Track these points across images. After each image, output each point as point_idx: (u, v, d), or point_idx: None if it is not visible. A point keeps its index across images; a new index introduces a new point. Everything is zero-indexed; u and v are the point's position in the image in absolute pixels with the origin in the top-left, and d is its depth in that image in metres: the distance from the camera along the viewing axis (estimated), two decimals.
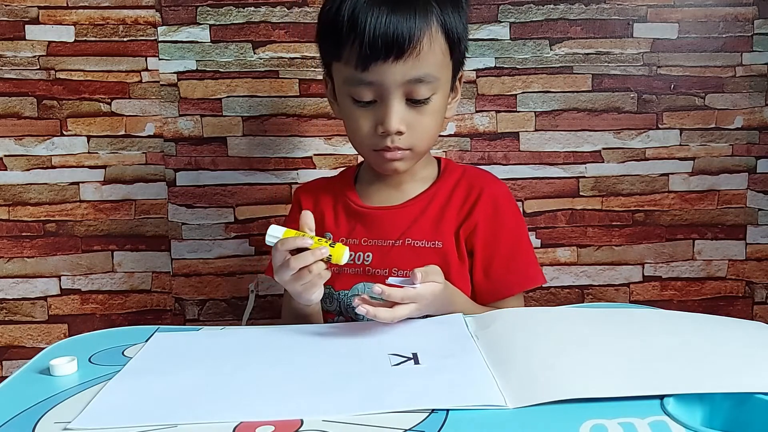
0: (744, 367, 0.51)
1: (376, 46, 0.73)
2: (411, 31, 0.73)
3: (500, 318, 0.67)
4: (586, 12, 1.14)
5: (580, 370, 0.51)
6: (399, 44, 0.73)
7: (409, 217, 0.85)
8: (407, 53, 0.73)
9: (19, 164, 1.13)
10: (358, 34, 0.74)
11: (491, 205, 0.84)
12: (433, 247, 0.83)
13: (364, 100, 0.78)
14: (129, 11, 1.11)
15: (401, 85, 0.76)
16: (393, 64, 0.74)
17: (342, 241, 0.83)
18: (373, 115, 0.79)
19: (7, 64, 1.11)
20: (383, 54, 0.73)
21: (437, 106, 0.79)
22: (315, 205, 0.90)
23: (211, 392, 0.52)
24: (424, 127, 0.79)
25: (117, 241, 1.15)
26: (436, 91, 0.78)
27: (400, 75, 0.75)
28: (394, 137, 0.78)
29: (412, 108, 0.78)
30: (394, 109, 0.77)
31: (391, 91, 0.76)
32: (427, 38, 0.74)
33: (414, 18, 0.73)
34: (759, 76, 1.16)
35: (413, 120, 0.78)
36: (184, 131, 1.14)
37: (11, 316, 1.15)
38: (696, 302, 1.21)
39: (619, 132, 1.17)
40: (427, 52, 0.75)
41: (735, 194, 1.19)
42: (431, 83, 0.77)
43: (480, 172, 0.92)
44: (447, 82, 0.81)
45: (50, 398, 0.51)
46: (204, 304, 1.17)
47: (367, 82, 0.76)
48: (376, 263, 0.83)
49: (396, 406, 0.47)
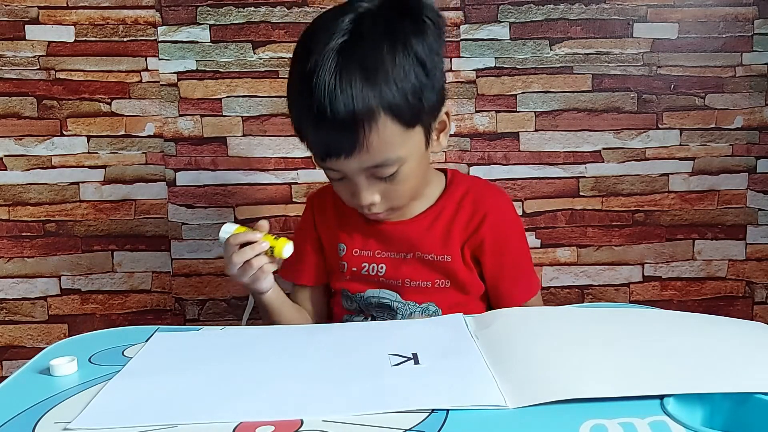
0: (744, 367, 0.51)
1: (322, 153, 0.76)
2: (351, 140, 0.72)
3: (500, 318, 0.67)
4: (586, 12, 1.14)
5: (580, 370, 0.51)
6: (343, 150, 0.74)
7: (417, 232, 0.86)
8: (355, 154, 0.73)
9: (19, 164, 1.13)
10: (307, 132, 0.77)
11: (497, 223, 0.86)
12: (443, 260, 0.85)
13: (334, 179, 0.80)
14: (129, 11, 1.11)
15: (362, 171, 0.76)
16: (345, 159, 0.74)
17: (356, 253, 0.87)
18: (348, 187, 0.80)
19: (7, 64, 1.11)
20: (334, 155, 0.75)
21: (408, 172, 0.78)
22: (327, 216, 0.91)
23: (211, 392, 0.51)
24: (400, 193, 0.80)
25: (117, 241, 1.15)
26: (403, 163, 0.77)
27: (356, 165, 0.75)
28: (370, 207, 0.80)
29: (383, 181, 0.78)
30: (362, 187, 0.78)
31: (354, 177, 0.77)
32: (375, 132, 0.73)
33: (352, 122, 0.71)
34: (759, 76, 1.16)
35: (386, 190, 0.79)
36: (184, 131, 1.14)
37: (11, 316, 1.15)
38: (696, 302, 1.21)
39: (619, 132, 1.17)
40: (377, 143, 0.73)
41: (735, 194, 1.19)
42: (392, 164, 0.76)
43: (485, 186, 0.92)
44: (418, 146, 0.79)
45: (50, 398, 0.51)
46: (204, 304, 1.17)
47: (332, 168, 0.78)
48: (390, 274, 0.86)
49: (396, 406, 0.47)
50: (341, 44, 0.72)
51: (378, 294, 0.86)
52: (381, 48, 0.73)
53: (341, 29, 0.73)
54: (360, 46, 0.73)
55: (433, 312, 0.85)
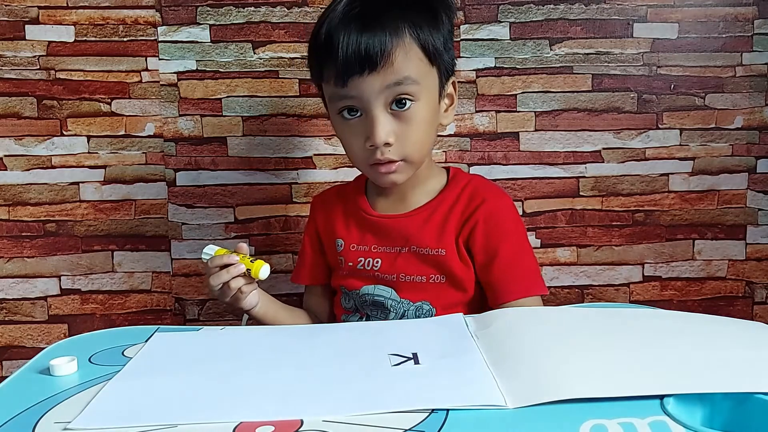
0: (744, 367, 0.51)
1: (350, 62, 0.77)
2: (382, 45, 0.76)
3: (500, 318, 0.67)
4: (586, 12, 1.14)
5: (580, 370, 0.51)
6: (371, 58, 0.76)
7: (414, 226, 0.87)
8: (380, 65, 0.77)
9: (19, 164, 1.13)
10: (333, 53, 0.77)
11: (490, 214, 0.85)
12: (437, 254, 0.85)
13: (348, 114, 0.81)
14: (129, 11, 1.11)
15: (381, 94, 0.78)
16: (369, 76, 0.77)
17: (353, 248, 0.89)
18: (362, 130, 0.81)
19: (7, 64, 1.11)
20: (358, 69, 0.77)
21: (423, 114, 0.81)
22: (327, 214, 0.94)
23: (211, 392, 0.52)
24: (413, 136, 0.81)
25: (117, 241, 1.15)
26: (419, 97, 0.80)
27: (378, 84, 0.77)
28: (383, 149, 0.80)
29: (397, 118, 0.80)
30: (379, 120, 0.79)
31: (373, 103, 0.79)
32: (401, 49, 0.77)
33: (384, 33, 0.76)
34: (759, 76, 1.16)
35: (400, 130, 0.80)
36: (184, 131, 1.14)
37: (11, 316, 1.15)
38: (696, 302, 1.21)
39: (619, 132, 1.17)
40: (402, 60, 0.77)
41: (735, 194, 1.19)
42: (411, 86, 0.78)
43: (485, 183, 0.93)
44: (432, 89, 0.82)
45: (50, 398, 0.51)
46: (204, 304, 1.17)
47: (349, 97, 0.80)
48: (385, 269, 0.86)
49: (396, 406, 0.47)
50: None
51: (373, 291, 0.87)
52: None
53: None
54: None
55: (427, 311, 0.84)
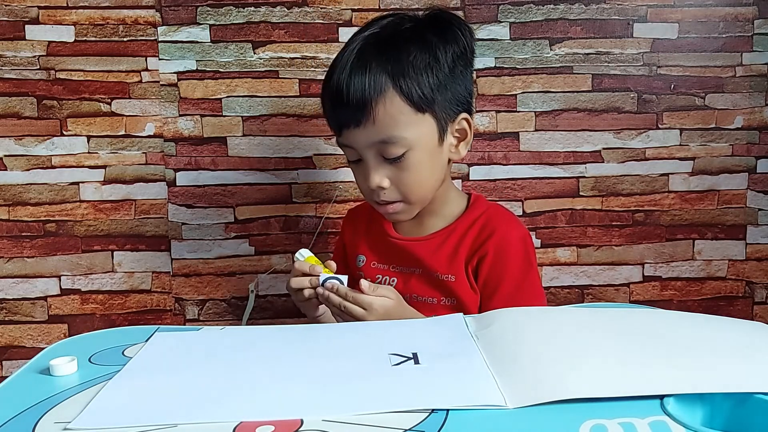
0: (744, 367, 0.51)
1: (339, 115, 0.84)
2: (364, 100, 0.80)
3: (500, 318, 0.67)
4: (586, 12, 1.14)
5: (580, 370, 0.51)
6: (354, 114, 0.81)
7: (427, 250, 0.89)
8: (363, 122, 0.81)
9: (19, 164, 1.13)
10: (329, 103, 0.86)
11: (499, 248, 0.87)
12: (447, 279, 0.87)
13: (351, 159, 0.87)
14: (129, 11, 1.11)
15: (370, 146, 0.82)
16: (356, 129, 0.82)
17: (373, 265, 0.94)
18: (362, 172, 0.86)
19: (7, 64, 1.11)
20: (345, 122, 0.83)
21: (417, 159, 0.83)
22: (355, 230, 0.99)
23: (211, 392, 0.51)
24: (408, 181, 0.84)
25: (117, 241, 1.15)
26: (410, 148, 0.82)
27: (364, 138, 0.82)
28: (379, 192, 0.84)
29: (392, 164, 0.83)
30: (371, 166, 0.84)
31: (365, 153, 0.84)
32: (381, 105, 0.80)
33: (364, 89, 0.80)
34: (759, 76, 1.16)
35: (394, 175, 0.84)
36: (184, 131, 1.14)
37: (11, 316, 1.15)
38: (696, 302, 1.21)
39: (619, 132, 1.17)
40: (383, 116, 0.80)
41: (735, 194, 1.19)
42: (398, 143, 0.81)
43: (501, 213, 0.93)
44: (426, 135, 0.83)
45: (50, 398, 0.51)
46: (204, 304, 1.17)
47: (346, 144, 0.85)
48: (399, 288, 0.89)
49: (396, 406, 0.47)
50: (370, 34, 0.84)
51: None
52: (404, 40, 0.83)
53: (377, 24, 0.86)
54: (385, 36, 0.84)
55: None
